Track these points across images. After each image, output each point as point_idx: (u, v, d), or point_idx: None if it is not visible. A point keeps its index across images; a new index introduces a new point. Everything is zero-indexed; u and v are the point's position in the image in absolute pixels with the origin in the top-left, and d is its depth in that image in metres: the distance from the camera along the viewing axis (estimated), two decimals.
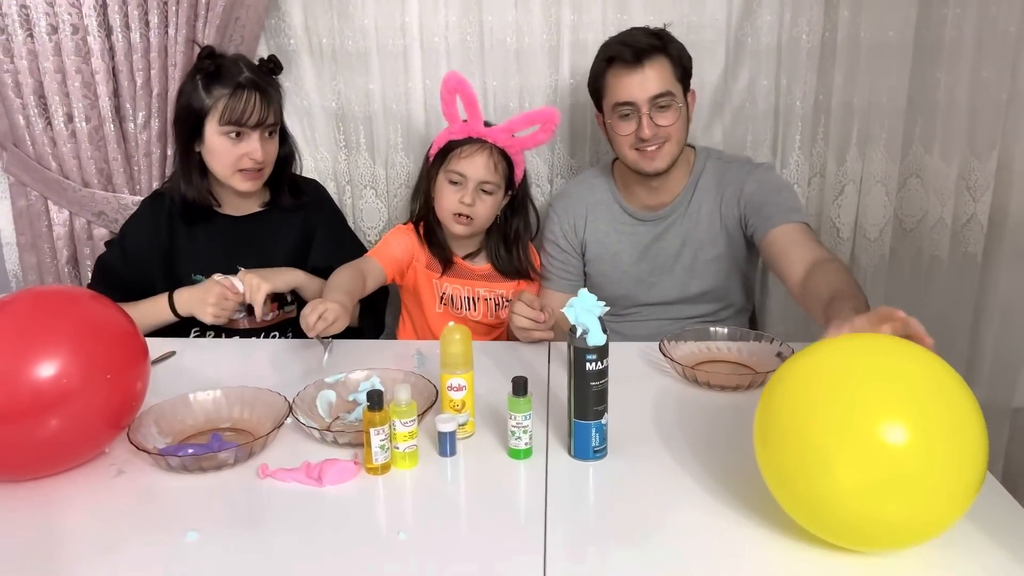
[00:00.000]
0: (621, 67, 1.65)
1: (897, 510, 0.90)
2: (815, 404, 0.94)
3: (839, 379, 0.95)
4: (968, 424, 0.92)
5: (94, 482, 1.18)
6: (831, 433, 0.91)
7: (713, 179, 1.78)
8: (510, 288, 1.90)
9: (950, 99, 1.97)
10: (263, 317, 1.79)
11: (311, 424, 1.26)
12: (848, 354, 0.99)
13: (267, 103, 1.70)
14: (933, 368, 0.96)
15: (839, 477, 0.91)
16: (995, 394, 2.18)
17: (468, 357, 1.26)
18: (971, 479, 0.92)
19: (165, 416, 1.29)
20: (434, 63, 2.03)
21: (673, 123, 1.67)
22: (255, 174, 1.74)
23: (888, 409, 0.91)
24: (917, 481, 0.89)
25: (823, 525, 0.97)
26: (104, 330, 1.19)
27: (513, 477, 1.19)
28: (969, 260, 2.08)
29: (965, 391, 0.95)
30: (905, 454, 0.89)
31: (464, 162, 1.74)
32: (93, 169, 2.04)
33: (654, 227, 1.81)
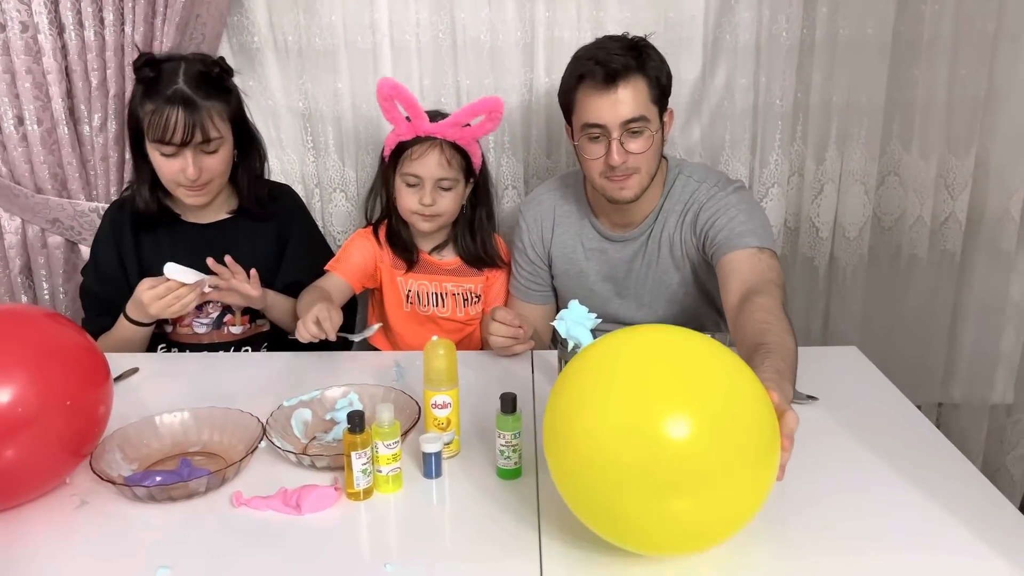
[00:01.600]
0: (592, 86, 1.52)
1: (681, 508, 0.87)
2: (593, 401, 0.92)
3: (615, 375, 0.93)
4: (754, 421, 0.89)
5: (55, 515, 1.10)
6: (610, 431, 0.88)
7: (680, 200, 1.67)
8: (478, 282, 1.86)
9: (928, 97, 1.96)
10: (229, 328, 1.71)
11: (287, 448, 1.20)
12: (629, 349, 0.96)
13: (196, 119, 1.56)
14: (721, 364, 0.93)
15: (621, 477, 0.87)
16: (973, 391, 2.20)
17: (453, 372, 1.20)
18: (760, 476, 0.89)
19: (130, 441, 1.21)
20: (405, 61, 1.96)
21: (644, 151, 1.54)
22: (198, 188, 1.65)
23: (668, 404, 0.88)
24: (699, 479, 0.86)
25: (612, 529, 0.94)
26: (62, 351, 1.11)
27: (503, 497, 1.13)
28: (947, 258, 2.07)
29: (756, 388, 0.92)
30: (685, 449, 0.85)
31: (417, 163, 1.69)
32: (46, 174, 1.94)
33: (623, 248, 1.73)
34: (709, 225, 1.59)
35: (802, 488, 1.09)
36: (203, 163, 1.62)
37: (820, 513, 1.07)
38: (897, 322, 2.14)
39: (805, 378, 1.42)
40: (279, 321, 1.76)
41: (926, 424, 1.31)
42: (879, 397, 1.42)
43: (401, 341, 1.86)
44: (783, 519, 1.05)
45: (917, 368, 2.16)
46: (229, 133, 1.66)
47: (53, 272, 2.04)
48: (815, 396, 1.37)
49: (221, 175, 1.67)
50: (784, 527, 1.04)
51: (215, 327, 1.75)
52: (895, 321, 2.14)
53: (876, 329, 2.15)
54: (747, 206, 1.61)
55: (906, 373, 2.07)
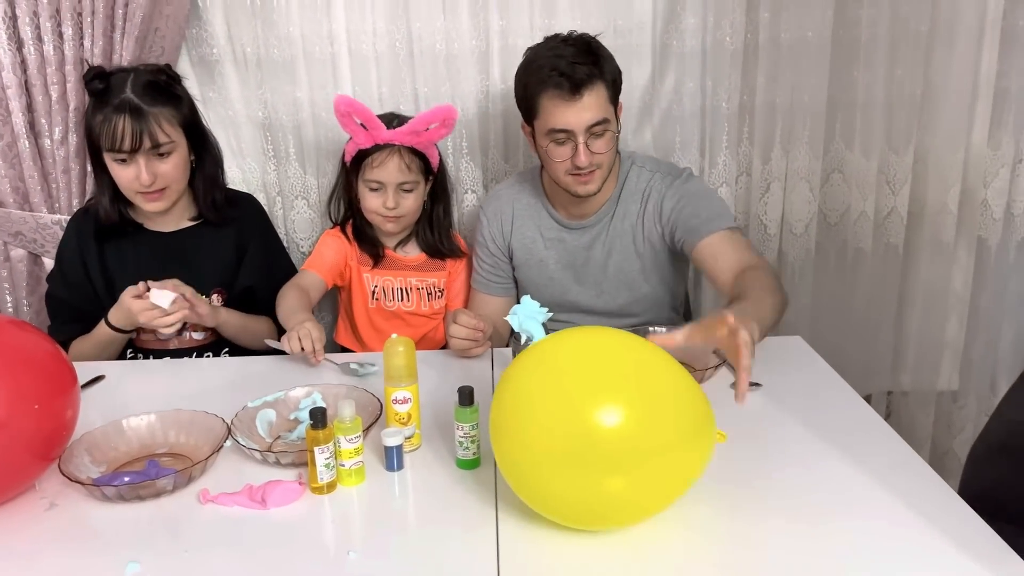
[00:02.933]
0: (558, 96, 1.59)
1: (615, 487, 0.96)
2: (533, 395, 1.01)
3: (552, 372, 1.02)
4: (680, 408, 0.99)
5: (24, 517, 1.13)
6: (548, 421, 0.97)
7: (637, 189, 1.77)
8: (441, 276, 1.93)
9: (868, 97, 2.05)
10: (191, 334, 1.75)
11: (252, 446, 1.23)
12: (564, 348, 1.06)
13: (144, 126, 1.61)
14: (648, 358, 1.04)
15: (560, 461, 0.96)
16: (920, 379, 2.28)
17: (412, 369, 1.25)
18: (687, 456, 0.99)
19: (98, 444, 1.24)
20: (363, 70, 2.00)
21: (608, 150, 1.65)
22: (155, 195, 1.69)
23: (599, 395, 0.97)
24: (629, 460, 0.95)
25: (552, 508, 1.03)
26: (29, 357, 1.14)
27: (462, 488, 1.18)
28: (891, 251, 2.16)
29: (682, 376, 1.03)
30: (616, 434, 0.94)
31: (378, 170, 1.77)
32: (8, 187, 1.95)
33: (580, 235, 1.81)
34: (676, 214, 1.70)
35: (744, 470, 1.16)
36: (156, 169, 1.65)
37: (765, 493, 1.13)
38: (845, 314, 2.22)
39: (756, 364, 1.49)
40: (233, 337, 1.80)
41: (866, 409, 1.38)
42: (822, 384, 1.48)
43: (367, 337, 1.92)
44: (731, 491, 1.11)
45: (866, 358, 2.23)
46: (182, 138, 1.69)
47: (16, 285, 2.05)
48: (759, 383, 1.44)
49: (177, 181, 1.71)
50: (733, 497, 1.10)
51: (178, 333, 1.78)
52: (843, 313, 2.22)
53: (825, 321, 2.22)
54: (706, 191, 1.76)
55: (856, 363, 2.15)
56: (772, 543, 1.03)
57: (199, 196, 1.79)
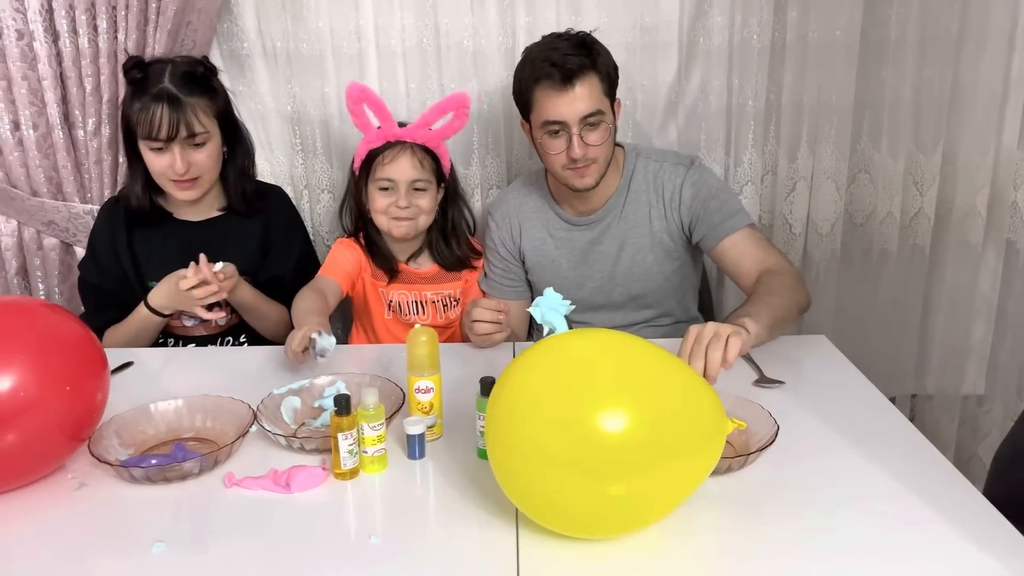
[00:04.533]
0: (550, 87, 1.61)
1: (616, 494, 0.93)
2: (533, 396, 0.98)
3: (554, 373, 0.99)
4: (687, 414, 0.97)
5: (54, 496, 1.15)
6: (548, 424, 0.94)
7: (646, 180, 1.78)
8: (457, 287, 1.91)
9: (896, 96, 2.03)
10: (216, 320, 1.77)
11: (277, 431, 1.25)
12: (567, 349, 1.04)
13: (181, 115, 1.64)
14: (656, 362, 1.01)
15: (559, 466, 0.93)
16: (944, 382, 2.26)
17: (435, 359, 1.26)
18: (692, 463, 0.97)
19: (126, 427, 1.27)
20: (390, 66, 2.02)
21: (603, 142, 1.65)
22: (188, 183, 1.72)
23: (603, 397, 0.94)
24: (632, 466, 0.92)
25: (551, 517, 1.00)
26: (61, 340, 1.17)
27: (483, 477, 1.18)
28: (918, 252, 2.14)
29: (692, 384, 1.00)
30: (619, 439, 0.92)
31: (389, 167, 1.75)
32: (42, 177, 1.99)
33: (589, 231, 1.81)
34: (697, 207, 1.72)
35: (766, 470, 1.15)
36: (190, 157, 1.68)
37: (784, 495, 1.12)
38: (870, 316, 2.20)
39: (773, 364, 1.49)
40: (245, 314, 1.81)
41: (892, 410, 1.36)
42: (846, 384, 1.47)
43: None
44: (746, 500, 1.11)
45: (890, 360, 2.22)
46: (216, 129, 1.72)
47: (48, 273, 2.09)
48: (782, 380, 1.43)
49: (209, 170, 1.73)
50: (747, 508, 1.10)
51: (201, 320, 1.80)
52: (868, 315, 2.20)
53: (849, 323, 2.21)
54: (722, 185, 1.79)
55: (879, 365, 2.13)
56: (792, 544, 1.02)
57: (229, 187, 1.82)
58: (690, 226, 1.74)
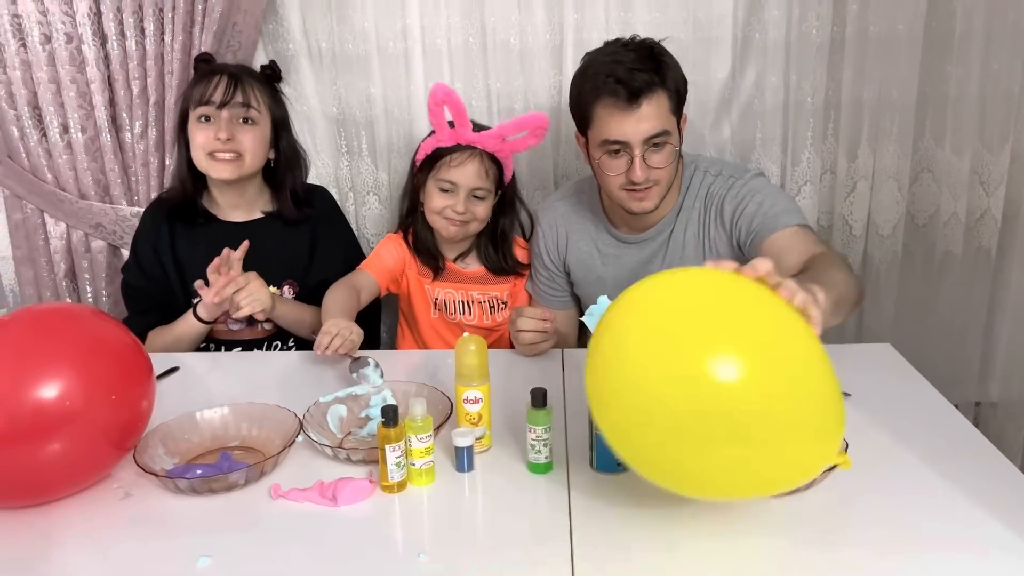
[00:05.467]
0: (614, 105, 1.49)
1: (736, 455, 0.84)
2: (640, 339, 0.88)
3: (666, 312, 0.89)
4: (813, 365, 0.87)
5: (100, 506, 1.14)
6: (657, 373, 0.85)
7: (699, 196, 1.66)
8: (504, 289, 1.87)
9: (961, 92, 1.95)
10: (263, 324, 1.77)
11: (323, 441, 1.23)
12: (673, 290, 0.93)
13: (238, 86, 1.69)
14: (773, 306, 0.89)
15: (671, 425, 0.84)
16: (1010, 389, 2.17)
17: (484, 368, 1.22)
18: (823, 424, 0.87)
19: (172, 435, 1.25)
20: (436, 65, 1.99)
21: (666, 164, 1.53)
22: (229, 161, 1.70)
23: (716, 343, 0.83)
24: (753, 425, 0.82)
25: (665, 475, 0.92)
26: (107, 348, 1.15)
27: (534, 492, 1.15)
28: (983, 255, 2.05)
29: (806, 331, 0.89)
30: (737, 393, 0.81)
31: (455, 171, 1.70)
32: (90, 180, 2.00)
33: (640, 250, 1.72)
34: (739, 214, 1.58)
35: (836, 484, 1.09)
36: (236, 130, 1.69)
37: (855, 510, 1.07)
38: (932, 320, 2.12)
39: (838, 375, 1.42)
40: (288, 328, 1.80)
41: (962, 421, 1.30)
42: (914, 394, 1.41)
43: (432, 344, 1.89)
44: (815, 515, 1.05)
45: (953, 366, 2.13)
46: (267, 121, 1.75)
47: (96, 275, 2.10)
48: (848, 392, 1.36)
49: (252, 154, 1.72)
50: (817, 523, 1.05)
51: (248, 323, 1.79)
52: (930, 319, 2.12)
53: (910, 328, 2.13)
54: (772, 189, 1.62)
55: (942, 371, 2.04)
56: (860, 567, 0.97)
57: (281, 196, 1.81)
58: (738, 238, 1.61)
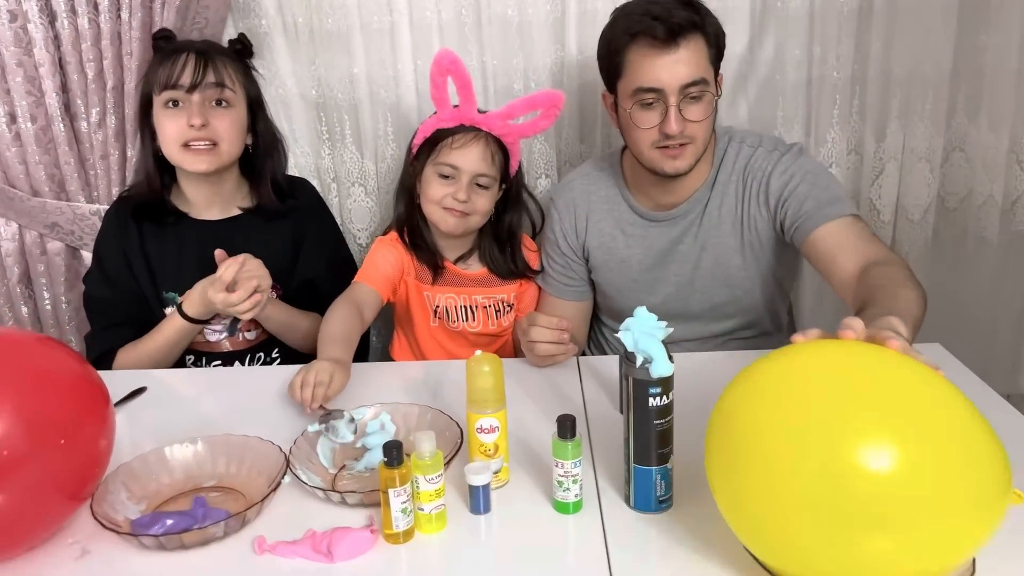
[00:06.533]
0: (649, 45, 1.37)
1: (880, 549, 0.74)
2: (777, 416, 0.79)
3: (811, 388, 0.80)
4: (970, 451, 0.76)
5: (52, 566, 0.96)
6: (799, 457, 0.76)
7: (735, 170, 1.52)
8: (511, 291, 1.69)
9: (998, 64, 1.80)
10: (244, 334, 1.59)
11: (315, 483, 1.05)
12: (827, 360, 0.84)
13: (208, 65, 1.51)
14: (929, 386, 0.80)
15: (810, 510, 0.75)
16: None
17: (500, 392, 1.05)
18: (978, 515, 0.75)
19: (136, 478, 1.07)
20: (425, 42, 1.81)
21: (704, 119, 1.42)
22: (205, 151, 1.53)
23: (867, 426, 0.75)
24: (903, 515, 0.73)
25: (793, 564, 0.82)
26: (54, 382, 0.97)
27: (563, 536, 0.99)
28: (1019, 240, 1.91)
29: (969, 410, 0.79)
30: (888, 481, 0.72)
31: (456, 153, 1.53)
32: (43, 175, 1.79)
33: (668, 228, 1.57)
34: (787, 195, 1.45)
35: None
36: (210, 116, 1.51)
37: None
38: (963, 309, 1.97)
39: None
40: (277, 333, 1.63)
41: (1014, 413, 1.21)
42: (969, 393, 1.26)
43: (430, 355, 1.70)
44: None
45: (984, 358, 1.97)
46: (242, 103, 1.58)
47: (54, 280, 1.90)
48: None
49: (228, 143, 1.55)
50: None
51: (229, 334, 1.62)
52: (961, 308, 1.97)
53: (940, 317, 1.95)
54: (822, 170, 1.50)
55: (973, 363, 1.90)
56: None
57: (261, 189, 1.63)
58: (782, 220, 1.47)
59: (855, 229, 1.38)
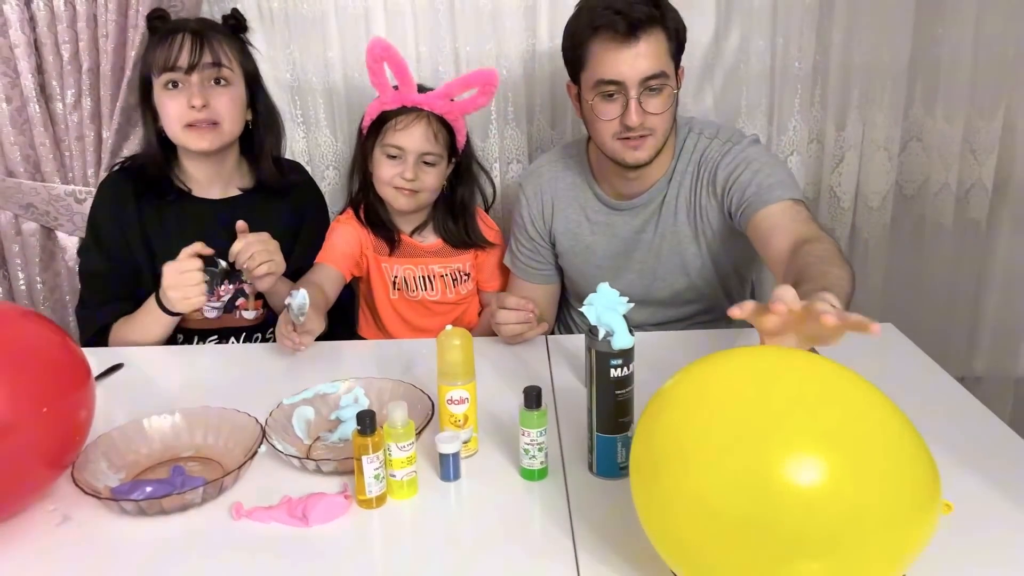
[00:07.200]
0: (610, 38, 1.41)
1: (807, 569, 0.71)
2: (696, 429, 0.76)
3: (733, 399, 0.76)
4: (904, 465, 0.73)
5: (34, 534, 0.99)
6: (721, 473, 0.72)
7: (692, 160, 1.57)
8: (466, 261, 1.75)
9: (953, 56, 1.87)
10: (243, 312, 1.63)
11: (290, 451, 1.09)
12: (751, 369, 0.80)
13: (205, 44, 1.52)
14: (862, 396, 0.77)
15: (734, 530, 0.71)
16: (997, 364, 2.12)
17: (470, 365, 1.10)
18: (910, 532, 0.73)
19: (116, 448, 1.11)
20: (400, 27, 1.84)
21: (664, 111, 1.45)
22: (207, 130, 1.54)
23: (795, 441, 0.71)
24: (833, 535, 0.69)
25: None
26: (35, 352, 0.99)
27: (530, 502, 1.04)
28: (973, 227, 1.98)
29: (900, 419, 0.76)
30: (817, 498, 0.69)
31: (401, 134, 1.58)
32: (18, 156, 1.82)
33: (631, 217, 1.62)
34: (732, 182, 1.48)
35: None
36: (209, 95, 1.53)
37: None
38: (920, 294, 2.05)
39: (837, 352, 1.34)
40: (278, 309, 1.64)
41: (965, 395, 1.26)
42: (925, 379, 1.34)
43: (393, 329, 1.75)
44: None
45: (940, 341, 2.06)
46: (241, 81, 1.59)
47: (29, 261, 1.92)
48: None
49: (229, 121, 1.56)
50: None
51: (226, 311, 1.64)
52: (918, 293, 2.06)
53: (898, 301, 2.06)
54: (769, 158, 1.52)
55: (928, 346, 1.98)
56: None
57: (261, 165, 1.66)
58: (729, 208, 1.51)
59: (791, 212, 1.40)
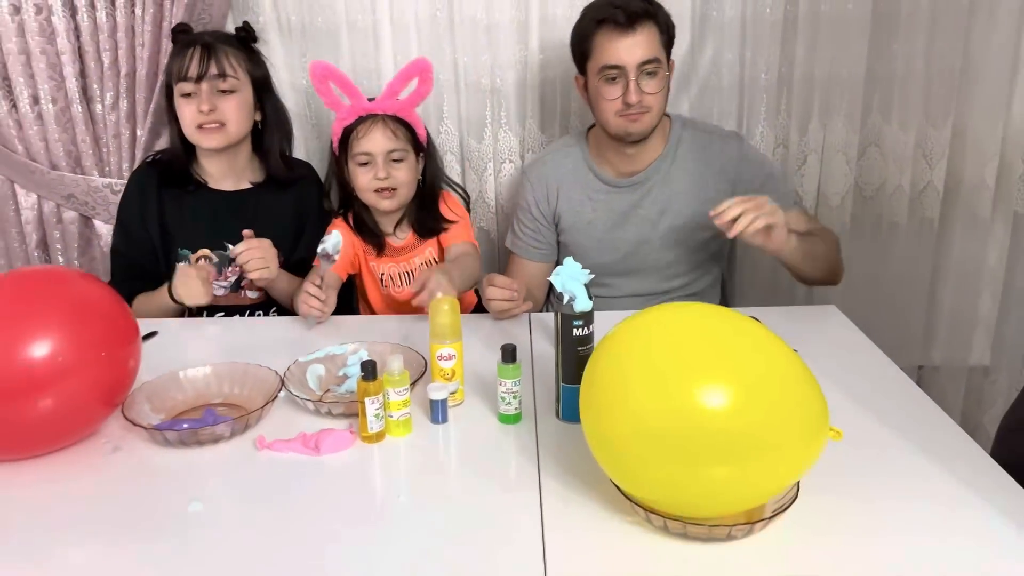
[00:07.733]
0: (612, 29, 1.67)
1: (720, 476, 0.91)
2: (633, 368, 0.96)
3: (658, 342, 0.97)
4: (793, 393, 0.94)
5: (91, 459, 1.19)
6: (650, 403, 0.92)
7: (693, 150, 1.81)
8: (432, 245, 1.89)
9: (907, 69, 2.04)
10: (247, 292, 1.81)
11: (306, 396, 1.29)
12: (665, 324, 1.01)
13: (211, 55, 1.72)
14: (759, 339, 0.99)
15: (661, 448, 0.91)
16: (952, 354, 2.28)
17: (457, 327, 1.29)
18: (801, 445, 0.94)
19: (157, 393, 1.30)
20: (404, 39, 2.04)
21: (658, 92, 1.70)
22: (215, 131, 1.75)
23: (707, 375, 0.92)
24: (738, 448, 0.90)
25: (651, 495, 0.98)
26: (96, 308, 1.20)
27: (504, 440, 1.23)
28: (926, 225, 2.16)
29: (797, 364, 0.97)
30: (724, 419, 0.89)
31: (364, 141, 1.75)
32: (61, 151, 2.02)
33: (630, 194, 1.84)
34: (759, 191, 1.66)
35: None
36: (216, 101, 1.73)
37: None
38: (879, 288, 2.22)
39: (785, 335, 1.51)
40: (280, 299, 1.84)
41: (902, 377, 1.41)
42: (857, 352, 1.51)
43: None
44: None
45: (898, 332, 2.23)
46: (247, 87, 1.78)
47: (68, 246, 2.12)
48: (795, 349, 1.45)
49: (235, 123, 1.76)
50: None
51: (233, 290, 1.83)
52: (877, 287, 2.22)
53: (858, 295, 2.22)
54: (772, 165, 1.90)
55: (887, 337, 2.13)
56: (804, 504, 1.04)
57: (269, 158, 1.85)
58: None
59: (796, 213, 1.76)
